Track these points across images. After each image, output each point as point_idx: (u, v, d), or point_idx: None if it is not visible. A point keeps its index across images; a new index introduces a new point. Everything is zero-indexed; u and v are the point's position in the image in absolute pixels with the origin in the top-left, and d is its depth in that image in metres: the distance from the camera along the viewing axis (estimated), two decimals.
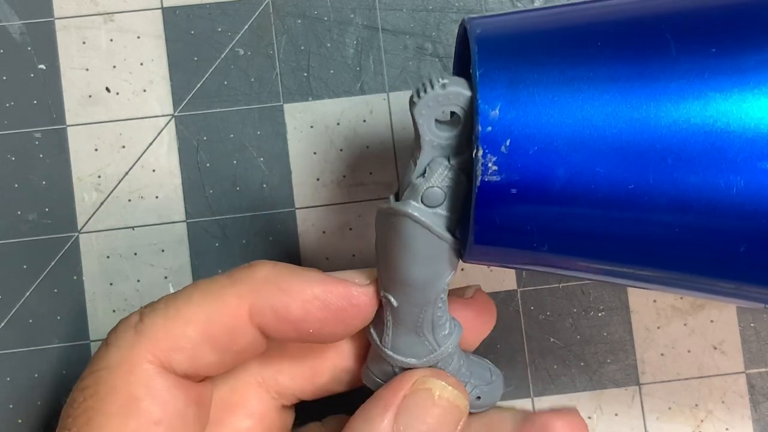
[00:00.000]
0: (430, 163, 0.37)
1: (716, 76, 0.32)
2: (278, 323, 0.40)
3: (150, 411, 0.38)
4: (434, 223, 0.37)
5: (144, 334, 0.39)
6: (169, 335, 0.39)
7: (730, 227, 0.32)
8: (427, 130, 0.36)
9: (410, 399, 0.40)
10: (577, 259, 0.35)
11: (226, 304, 0.39)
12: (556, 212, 0.33)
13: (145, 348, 0.39)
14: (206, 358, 0.40)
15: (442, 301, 0.40)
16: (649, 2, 0.34)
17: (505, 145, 0.33)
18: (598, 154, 0.32)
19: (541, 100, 0.33)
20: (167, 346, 0.39)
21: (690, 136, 0.31)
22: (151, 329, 0.39)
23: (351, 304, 0.40)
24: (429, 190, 0.36)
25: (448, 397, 0.41)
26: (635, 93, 0.32)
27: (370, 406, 0.41)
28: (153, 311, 0.40)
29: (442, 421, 0.40)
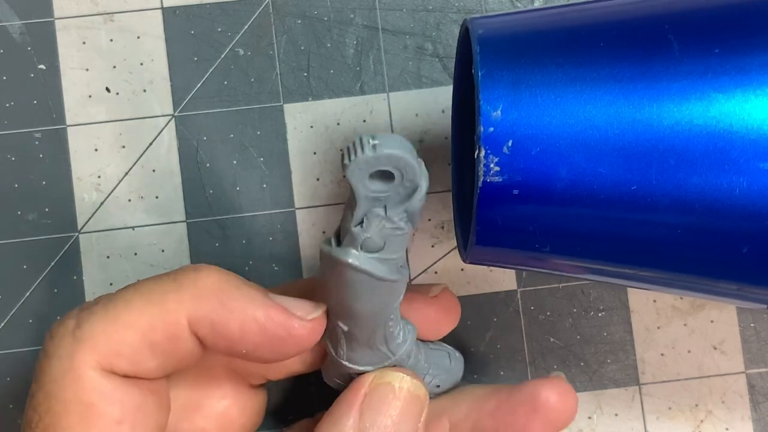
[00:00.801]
0: (366, 214, 0.37)
1: (719, 76, 0.32)
2: (214, 337, 0.39)
3: (108, 413, 0.37)
4: (374, 269, 0.37)
5: (83, 341, 0.38)
6: (108, 340, 0.38)
7: (733, 228, 0.32)
8: (362, 187, 0.36)
9: (372, 395, 0.40)
10: (579, 260, 0.35)
11: (166, 311, 0.38)
12: (558, 213, 0.33)
13: (85, 354, 0.37)
14: (147, 363, 0.39)
15: (393, 320, 0.40)
16: (652, 2, 0.34)
17: (507, 146, 0.33)
18: (601, 155, 0.32)
19: (543, 100, 0.33)
20: (107, 351, 0.38)
21: (693, 137, 0.31)
22: (89, 334, 0.38)
23: (289, 335, 0.39)
24: (367, 239, 0.37)
25: (408, 387, 0.41)
26: (638, 93, 0.32)
27: (335, 409, 0.41)
28: (91, 315, 0.39)
29: (405, 411, 0.40)
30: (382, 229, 0.36)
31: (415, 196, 0.36)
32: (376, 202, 0.36)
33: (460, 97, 0.43)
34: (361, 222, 0.37)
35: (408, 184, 0.36)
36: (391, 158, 0.35)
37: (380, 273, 0.37)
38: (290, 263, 0.52)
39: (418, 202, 0.36)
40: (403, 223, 0.37)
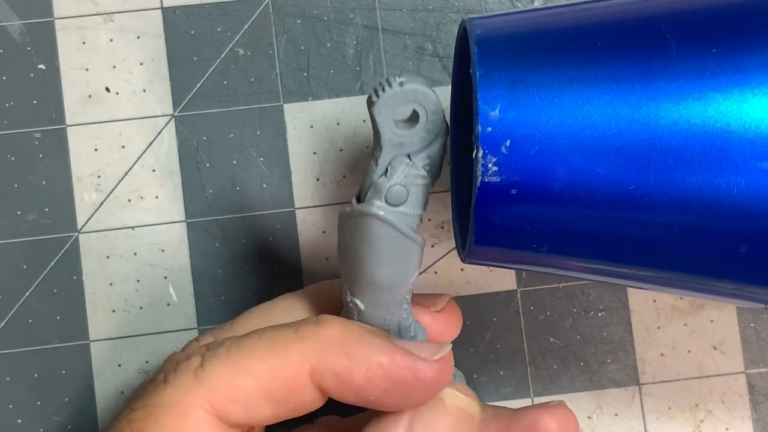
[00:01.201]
0: (391, 161, 0.37)
1: (717, 76, 0.32)
2: (339, 387, 0.39)
3: None
4: (399, 221, 0.37)
5: (203, 381, 0.38)
6: (227, 385, 0.38)
7: (731, 228, 0.32)
8: (387, 129, 0.36)
9: (422, 408, 0.40)
10: (577, 259, 0.35)
11: (289, 361, 0.38)
12: (556, 213, 0.33)
13: (202, 395, 0.38)
14: (262, 412, 0.39)
15: (408, 303, 0.40)
16: (650, 2, 0.34)
17: (505, 146, 0.33)
18: (599, 155, 0.32)
19: (541, 100, 0.33)
20: (225, 396, 0.38)
21: (690, 136, 0.31)
22: (210, 376, 0.38)
23: (416, 378, 0.39)
24: (392, 188, 0.37)
25: (459, 405, 0.40)
26: (636, 93, 0.32)
27: (383, 417, 0.40)
28: (214, 357, 0.39)
29: (453, 428, 0.40)
30: (407, 176, 0.37)
31: (437, 140, 0.37)
32: (400, 148, 0.37)
33: (459, 97, 0.43)
34: (386, 171, 0.37)
35: (431, 127, 0.36)
36: (417, 93, 0.35)
37: (404, 227, 0.37)
38: (290, 263, 0.52)
39: (440, 150, 0.37)
40: (426, 171, 0.37)
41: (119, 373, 0.51)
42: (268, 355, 0.39)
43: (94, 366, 0.51)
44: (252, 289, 0.52)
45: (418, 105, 0.35)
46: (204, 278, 0.51)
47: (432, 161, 0.37)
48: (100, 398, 0.51)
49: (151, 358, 0.51)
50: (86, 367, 0.51)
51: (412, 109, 0.36)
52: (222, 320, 0.50)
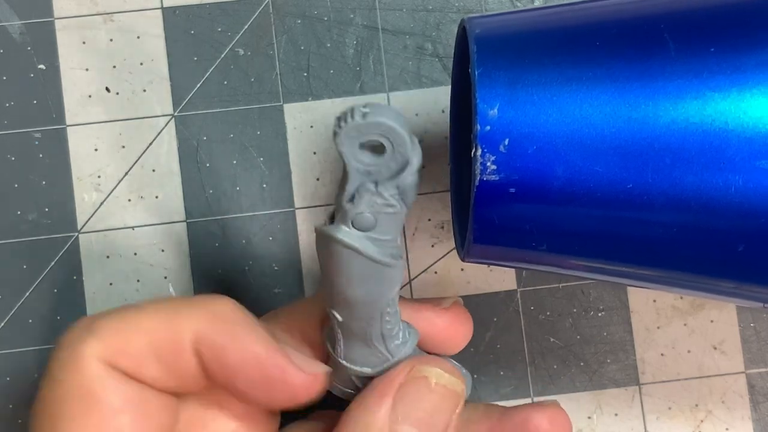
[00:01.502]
0: (357, 188, 0.36)
1: (715, 75, 0.32)
2: (213, 361, 0.39)
3: (109, 401, 0.37)
4: (366, 247, 0.37)
5: (93, 332, 0.38)
6: (117, 337, 0.38)
7: (729, 226, 0.32)
8: (352, 158, 0.35)
9: (406, 387, 0.40)
10: (575, 258, 0.35)
11: (176, 322, 0.39)
12: (554, 211, 0.33)
13: (92, 345, 0.38)
14: (150, 371, 0.39)
15: (390, 314, 0.40)
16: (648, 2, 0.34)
17: (504, 145, 0.33)
18: (597, 154, 0.32)
19: (539, 99, 0.33)
20: (114, 346, 0.38)
21: (688, 135, 0.31)
22: (101, 328, 0.38)
23: (283, 380, 0.39)
24: (358, 216, 0.36)
25: (444, 383, 0.40)
26: (634, 92, 0.32)
27: (367, 396, 0.40)
28: (107, 313, 0.39)
29: (438, 407, 0.40)
30: (373, 205, 0.36)
31: (406, 170, 0.35)
32: (368, 176, 0.36)
33: (458, 96, 0.43)
34: (353, 198, 0.36)
35: (399, 158, 0.35)
36: (380, 126, 0.34)
37: (371, 252, 0.37)
38: (290, 263, 0.52)
39: (409, 177, 0.36)
40: (395, 201, 0.36)
41: None
42: (157, 315, 0.39)
43: None
44: (252, 289, 0.52)
45: (383, 137, 0.34)
46: (204, 278, 0.52)
47: (402, 190, 0.36)
48: None
49: None
50: None
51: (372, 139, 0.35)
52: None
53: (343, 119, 0.35)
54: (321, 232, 0.37)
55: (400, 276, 0.39)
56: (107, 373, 0.38)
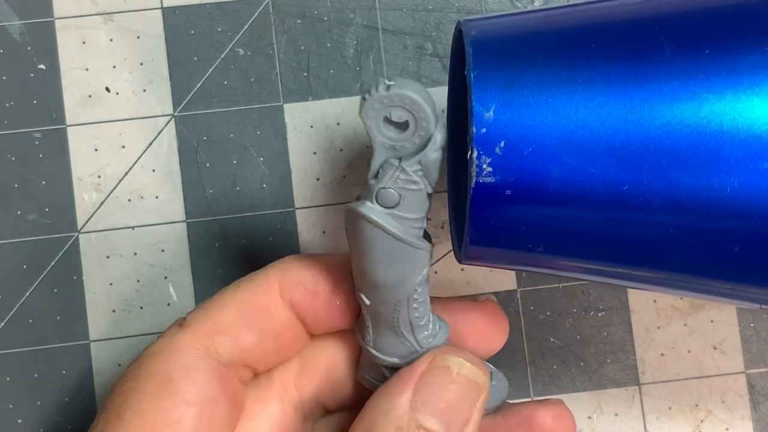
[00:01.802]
0: (382, 164, 0.37)
1: (710, 77, 0.32)
2: (307, 300, 0.41)
3: (185, 391, 0.39)
4: (389, 224, 0.37)
5: (187, 328, 0.40)
6: (208, 322, 0.40)
7: (725, 227, 0.32)
8: (377, 131, 0.36)
9: (428, 376, 0.40)
10: (572, 259, 0.35)
11: (256, 286, 0.41)
12: (550, 213, 0.33)
13: (187, 335, 0.40)
14: (246, 340, 0.41)
15: (418, 301, 0.40)
16: (643, 4, 0.34)
17: (500, 147, 0.33)
18: (593, 155, 0.32)
19: (535, 101, 0.33)
20: (209, 331, 0.40)
21: (684, 136, 0.31)
22: (192, 322, 0.41)
23: None
24: (382, 191, 0.36)
25: (466, 374, 0.40)
26: (629, 94, 0.32)
27: (390, 384, 0.40)
28: (193, 311, 0.42)
29: (460, 397, 0.40)
30: (397, 180, 0.36)
31: (429, 146, 0.36)
32: (393, 152, 0.36)
33: (454, 97, 0.43)
34: (377, 173, 0.37)
35: (422, 133, 0.35)
36: (403, 99, 0.35)
37: (394, 230, 0.37)
38: None
39: (432, 154, 0.36)
40: (418, 177, 0.36)
41: (119, 373, 0.51)
42: (237, 290, 0.42)
43: (94, 366, 0.51)
44: None
45: (406, 111, 0.35)
46: (204, 278, 0.52)
47: (425, 167, 0.36)
48: (100, 398, 0.51)
49: None
50: (86, 367, 0.51)
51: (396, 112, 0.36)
52: None
53: (367, 91, 0.35)
54: (348, 208, 0.38)
55: (426, 259, 0.39)
56: (197, 365, 0.39)
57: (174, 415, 0.38)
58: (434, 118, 0.35)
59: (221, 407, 0.40)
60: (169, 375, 0.39)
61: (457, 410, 0.40)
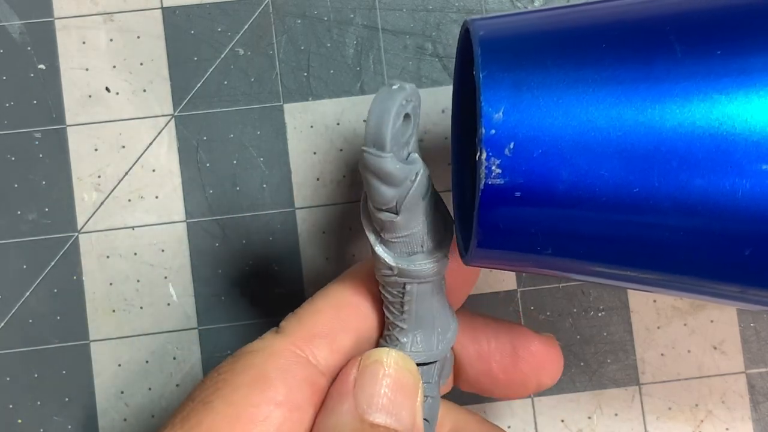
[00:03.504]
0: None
1: (721, 78, 0.31)
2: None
3: (277, 390, 0.38)
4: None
5: (283, 334, 0.40)
6: (305, 327, 0.41)
7: (736, 231, 0.32)
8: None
9: (362, 378, 0.40)
10: (580, 262, 0.35)
11: (345, 289, 0.42)
12: (560, 215, 0.33)
13: (286, 340, 0.40)
14: (344, 342, 0.41)
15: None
16: (654, 4, 0.34)
17: (509, 148, 0.32)
18: (603, 157, 0.32)
19: (545, 102, 0.32)
20: (306, 335, 0.40)
21: (695, 139, 0.31)
22: (287, 329, 0.41)
23: None
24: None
25: (396, 361, 0.40)
26: (640, 95, 0.32)
27: (329, 400, 0.41)
28: (286, 319, 0.42)
29: (399, 386, 0.40)
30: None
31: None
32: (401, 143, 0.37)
33: (460, 98, 0.43)
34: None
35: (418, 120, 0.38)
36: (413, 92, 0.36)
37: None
38: (290, 263, 0.52)
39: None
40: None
41: (119, 373, 0.51)
42: (328, 296, 0.42)
43: (94, 366, 0.51)
44: (252, 289, 0.52)
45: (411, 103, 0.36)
46: (204, 278, 0.52)
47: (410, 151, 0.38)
48: (100, 398, 0.51)
49: (151, 358, 0.51)
50: (86, 367, 0.51)
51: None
52: (222, 320, 0.50)
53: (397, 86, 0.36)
54: None
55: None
56: (293, 368, 0.39)
57: (262, 411, 0.38)
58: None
59: (307, 415, 0.39)
60: (265, 373, 0.39)
61: (401, 400, 0.40)
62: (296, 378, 0.39)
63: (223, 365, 0.40)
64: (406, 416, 0.40)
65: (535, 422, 0.52)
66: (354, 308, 0.42)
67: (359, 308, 0.42)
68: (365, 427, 0.39)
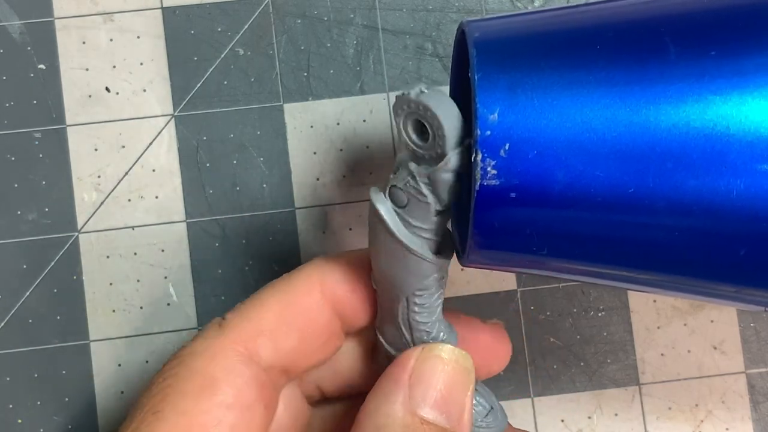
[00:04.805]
0: (400, 162, 0.37)
1: (715, 79, 0.31)
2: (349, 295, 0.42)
3: (225, 393, 0.38)
4: (393, 222, 0.37)
5: (228, 328, 0.40)
6: (250, 324, 0.40)
7: (730, 231, 0.32)
8: (403, 131, 0.36)
9: (420, 368, 0.40)
10: (576, 263, 0.35)
11: (296, 288, 0.41)
12: (555, 216, 0.33)
13: (228, 337, 0.40)
14: (288, 342, 0.41)
15: (419, 305, 0.40)
16: (648, 5, 0.34)
17: (504, 149, 0.32)
18: (598, 158, 0.32)
19: (540, 103, 0.32)
20: (251, 332, 0.40)
21: (690, 139, 0.31)
22: (232, 323, 0.40)
23: None
24: (392, 188, 0.37)
25: (456, 359, 0.40)
26: (634, 96, 0.32)
27: (383, 384, 0.40)
28: (233, 311, 0.41)
29: (454, 383, 0.40)
30: (407, 183, 0.36)
31: (441, 164, 0.35)
32: (413, 155, 0.36)
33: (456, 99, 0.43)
34: (396, 170, 0.37)
35: (437, 148, 0.35)
36: (426, 110, 0.34)
37: (395, 228, 0.37)
38: (290, 263, 0.52)
39: (443, 174, 0.35)
40: (427, 191, 0.36)
41: (119, 373, 0.51)
42: (277, 291, 0.41)
43: (94, 366, 0.51)
44: (252, 289, 0.51)
45: (426, 122, 0.35)
46: (204, 278, 0.52)
47: (434, 183, 0.36)
48: (100, 398, 0.51)
49: (151, 358, 0.51)
50: (86, 367, 0.51)
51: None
52: None
53: (406, 90, 0.35)
54: (370, 191, 0.38)
55: (431, 271, 0.38)
56: (238, 368, 0.39)
57: (213, 416, 0.38)
58: (454, 138, 0.35)
59: (257, 413, 0.39)
60: (211, 375, 0.39)
61: (455, 398, 0.40)
62: (243, 377, 0.39)
63: (165, 370, 0.40)
64: (455, 413, 0.40)
65: (535, 422, 0.52)
66: (301, 310, 0.41)
67: (308, 311, 0.41)
68: (415, 420, 0.39)
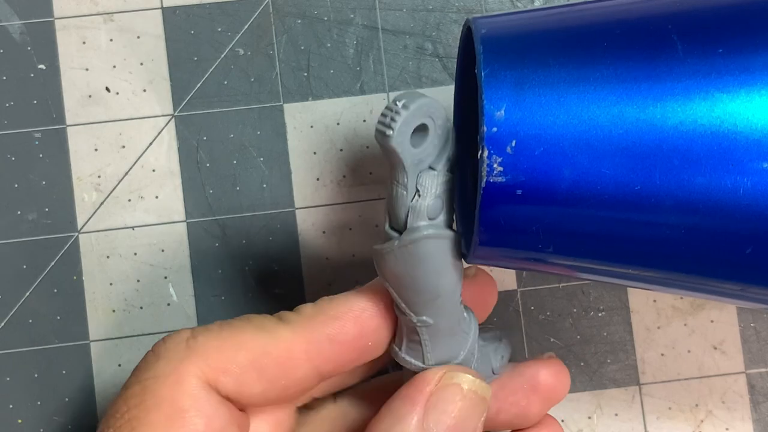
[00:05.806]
0: (418, 179, 0.37)
1: (723, 76, 0.32)
2: (338, 349, 0.40)
3: (195, 423, 0.38)
4: (443, 231, 0.37)
5: (195, 350, 0.39)
6: (220, 356, 0.39)
7: (737, 229, 0.32)
8: (407, 153, 0.36)
9: (439, 394, 0.40)
10: (582, 260, 0.35)
11: (281, 339, 0.40)
12: (561, 213, 0.33)
13: (195, 363, 0.38)
14: (252, 388, 0.39)
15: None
16: (655, 2, 0.34)
17: (511, 146, 0.32)
18: (605, 155, 0.32)
19: (546, 100, 0.32)
20: (217, 365, 0.39)
21: (697, 137, 0.31)
22: (203, 346, 0.39)
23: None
24: (430, 206, 0.37)
25: (475, 390, 0.40)
26: (642, 94, 0.32)
27: (398, 405, 0.40)
28: (206, 331, 0.40)
29: (469, 414, 0.40)
30: (438, 186, 0.36)
31: (449, 138, 0.36)
32: (420, 164, 0.36)
33: (462, 96, 0.43)
34: (417, 191, 0.37)
35: (441, 131, 0.36)
36: (423, 107, 0.35)
37: (446, 232, 0.37)
38: (290, 263, 0.52)
39: (451, 145, 0.37)
40: (450, 173, 0.37)
41: (119, 373, 0.51)
42: (259, 334, 0.40)
43: (94, 366, 0.51)
44: (252, 289, 0.52)
45: (428, 118, 0.35)
46: (204, 278, 0.51)
47: (451, 160, 0.37)
48: (100, 398, 0.51)
49: None
50: (86, 367, 0.51)
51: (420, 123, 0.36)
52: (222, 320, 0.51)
53: (389, 119, 0.35)
54: (404, 240, 0.37)
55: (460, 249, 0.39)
56: (204, 394, 0.38)
57: None
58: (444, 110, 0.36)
59: None
60: (178, 405, 0.38)
61: (467, 426, 0.40)
62: (211, 403, 0.38)
63: (129, 396, 0.39)
64: None
65: None
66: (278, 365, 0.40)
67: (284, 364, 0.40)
68: None
